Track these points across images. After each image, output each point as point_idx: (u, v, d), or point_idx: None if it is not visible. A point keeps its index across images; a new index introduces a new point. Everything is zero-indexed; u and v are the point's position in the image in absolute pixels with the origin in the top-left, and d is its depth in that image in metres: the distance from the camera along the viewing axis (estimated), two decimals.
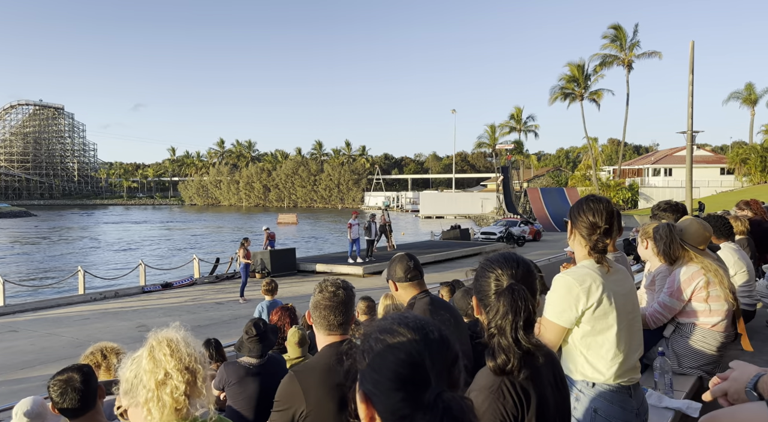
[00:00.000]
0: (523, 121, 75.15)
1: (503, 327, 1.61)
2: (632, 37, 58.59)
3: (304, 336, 4.77)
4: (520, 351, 1.59)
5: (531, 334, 1.63)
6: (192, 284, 18.80)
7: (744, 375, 1.27)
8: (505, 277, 1.69)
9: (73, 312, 14.44)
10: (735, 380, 1.28)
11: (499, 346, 1.60)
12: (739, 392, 1.26)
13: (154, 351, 1.69)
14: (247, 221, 70.14)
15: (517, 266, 1.72)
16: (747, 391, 1.24)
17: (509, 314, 1.60)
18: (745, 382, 1.26)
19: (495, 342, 1.62)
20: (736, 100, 67.54)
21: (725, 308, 3.38)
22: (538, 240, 34.12)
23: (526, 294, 1.64)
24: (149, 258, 26.42)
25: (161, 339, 1.73)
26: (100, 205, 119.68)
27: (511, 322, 1.60)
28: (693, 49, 27.03)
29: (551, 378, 1.71)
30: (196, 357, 1.72)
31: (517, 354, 1.59)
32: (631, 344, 2.36)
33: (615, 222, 2.44)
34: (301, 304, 8.18)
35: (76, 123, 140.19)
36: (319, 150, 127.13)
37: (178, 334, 1.75)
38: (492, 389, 1.59)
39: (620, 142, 70.56)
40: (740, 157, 61.46)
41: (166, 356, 1.67)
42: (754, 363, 1.40)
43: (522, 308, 1.61)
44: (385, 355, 1.04)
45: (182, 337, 1.75)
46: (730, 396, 1.29)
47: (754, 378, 1.24)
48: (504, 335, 1.60)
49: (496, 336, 1.62)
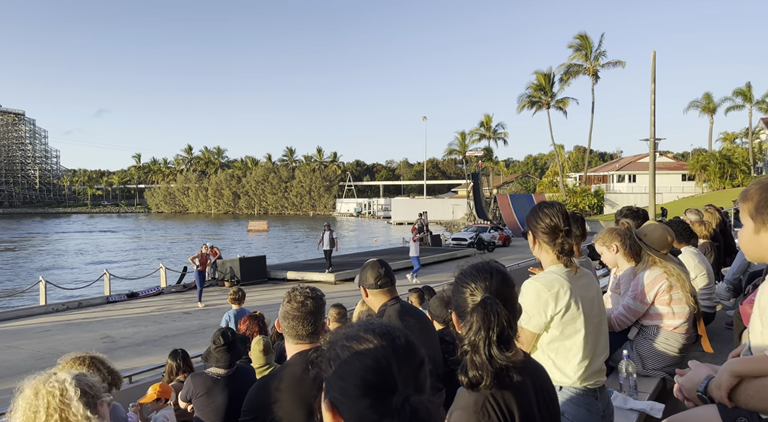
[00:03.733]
0: (493, 129, 76.24)
1: (476, 343, 1.55)
2: (597, 46, 60.21)
3: (268, 345, 4.71)
4: (493, 368, 1.53)
5: (509, 349, 1.57)
6: (158, 293, 18.39)
7: (696, 375, 1.30)
8: (479, 290, 1.64)
9: (33, 323, 13.95)
10: (689, 380, 1.31)
11: (472, 363, 1.55)
12: (691, 392, 1.29)
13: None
14: (216, 228, 69.13)
15: (491, 277, 1.67)
16: (698, 394, 1.26)
17: (481, 330, 1.55)
18: (697, 383, 1.28)
19: (468, 359, 1.56)
20: (696, 108, 69.90)
21: (687, 311, 3.48)
22: (508, 245, 34.64)
23: (499, 307, 1.58)
24: (114, 268, 25.77)
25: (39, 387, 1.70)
26: (63, 214, 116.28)
27: (483, 339, 1.54)
28: (655, 59, 27.89)
29: (538, 395, 1.65)
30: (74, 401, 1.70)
31: (490, 372, 1.53)
32: (597, 348, 2.41)
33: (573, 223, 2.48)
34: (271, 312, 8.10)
35: (38, 129, 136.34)
36: (290, 156, 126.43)
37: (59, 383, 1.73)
38: (476, 408, 1.55)
39: (586, 149, 72.16)
40: (700, 164, 63.56)
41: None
42: (714, 364, 1.43)
43: (495, 323, 1.56)
44: (351, 362, 1.03)
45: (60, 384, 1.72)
46: (685, 393, 1.32)
47: (704, 381, 1.27)
48: (477, 352, 1.54)
49: (469, 352, 1.56)
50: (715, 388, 1.23)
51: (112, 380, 2.83)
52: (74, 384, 1.73)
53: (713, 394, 1.23)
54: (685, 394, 1.33)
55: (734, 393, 1.20)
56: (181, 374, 5.14)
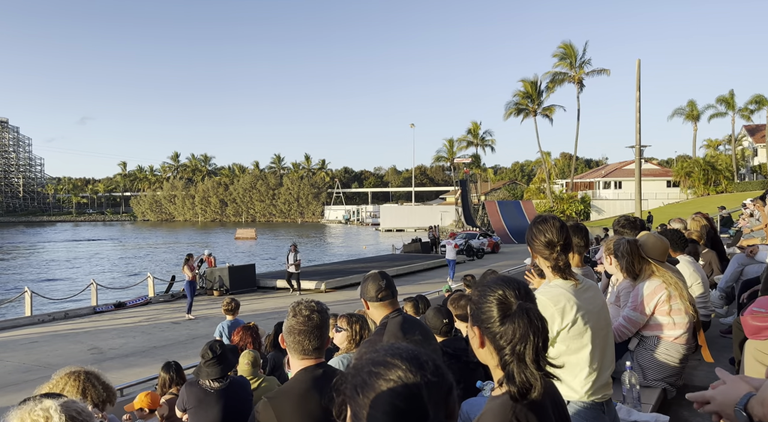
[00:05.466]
0: (480, 136, 76.60)
1: (522, 352, 1.46)
2: (582, 55, 60.86)
3: (256, 358, 4.67)
4: (540, 371, 1.47)
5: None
6: (146, 303, 18.16)
7: (734, 390, 1.23)
8: (512, 297, 1.53)
9: (19, 335, 13.69)
10: (724, 394, 1.24)
11: (519, 370, 1.46)
12: (725, 407, 1.22)
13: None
14: (203, 236, 68.61)
15: (518, 286, 1.58)
16: (736, 410, 1.21)
17: (529, 335, 1.47)
18: (735, 399, 1.22)
19: (513, 368, 1.47)
20: (680, 115, 70.86)
21: (686, 321, 3.49)
22: (497, 252, 34.75)
23: (540, 313, 1.52)
24: (101, 277, 25.44)
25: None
26: (48, 222, 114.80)
27: (532, 344, 1.46)
28: (639, 67, 28.28)
29: (555, 413, 1.60)
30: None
31: (539, 378, 1.46)
32: (603, 361, 2.40)
33: (575, 234, 2.48)
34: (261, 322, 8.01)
35: (22, 137, 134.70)
36: (278, 163, 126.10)
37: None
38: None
39: (572, 156, 72.76)
40: (685, 170, 64.41)
41: None
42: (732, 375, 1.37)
43: (540, 328, 1.49)
44: (380, 389, 1.01)
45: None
46: (717, 408, 1.25)
47: (745, 397, 1.21)
48: (524, 359, 1.46)
49: (514, 360, 1.47)
50: (758, 405, 1.18)
51: (107, 396, 2.76)
52: (59, 411, 1.68)
53: (754, 411, 1.18)
54: (717, 409, 1.27)
55: None
56: (174, 386, 5.06)
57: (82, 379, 2.70)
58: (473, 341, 1.59)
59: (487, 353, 1.56)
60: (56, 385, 2.66)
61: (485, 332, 1.54)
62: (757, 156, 65.19)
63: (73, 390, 2.62)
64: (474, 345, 1.60)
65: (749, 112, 64.28)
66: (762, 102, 61.66)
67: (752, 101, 62.92)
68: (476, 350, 1.60)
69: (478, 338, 1.56)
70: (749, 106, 63.63)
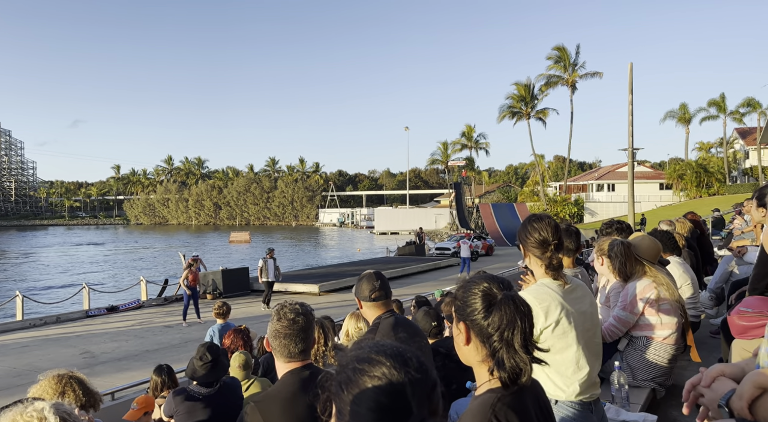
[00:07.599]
0: (475, 139, 76.75)
1: (510, 338, 1.48)
2: (575, 58, 61.17)
3: (247, 360, 4.64)
4: (529, 356, 1.49)
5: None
6: (139, 307, 18.07)
7: (722, 387, 1.28)
8: (496, 289, 1.55)
9: (10, 339, 13.59)
10: (714, 391, 1.28)
11: (508, 355, 1.48)
12: (713, 403, 1.27)
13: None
14: (197, 240, 68.34)
15: (501, 281, 1.59)
16: (719, 405, 1.25)
17: (516, 321, 1.48)
18: (720, 394, 1.26)
19: (503, 353, 1.48)
20: (672, 118, 71.30)
21: (675, 321, 3.52)
22: (491, 254, 34.83)
23: (525, 300, 1.54)
24: (93, 281, 25.28)
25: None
26: (40, 226, 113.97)
27: (519, 328, 1.48)
28: (632, 70, 28.42)
29: (538, 413, 1.58)
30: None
31: (528, 362, 1.48)
32: (590, 361, 2.41)
33: (563, 236, 2.49)
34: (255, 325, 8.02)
35: (14, 140, 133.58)
36: (272, 166, 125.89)
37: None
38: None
39: (565, 159, 73.06)
40: (677, 173, 64.84)
41: None
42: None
43: (526, 313, 1.51)
44: (364, 385, 1.02)
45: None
46: (707, 403, 1.29)
47: (729, 393, 1.25)
48: (512, 344, 1.47)
49: (503, 346, 1.48)
50: (736, 399, 1.22)
51: (87, 401, 2.75)
52: (53, 412, 1.68)
53: (734, 405, 1.22)
54: (707, 404, 1.31)
55: (754, 406, 1.19)
56: (165, 390, 5.03)
57: (64, 382, 2.70)
58: (458, 338, 1.59)
59: (473, 349, 1.55)
60: (40, 387, 2.67)
61: (471, 325, 1.54)
62: (748, 158, 65.65)
63: (52, 392, 2.62)
64: (459, 343, 1.59)
65: (741, 115, 64.86)
66: (753, 105, 62.19)
67: (743, 104, 63.50)
68: (460, 349, 1.60)
69: (464, 333, 1.56)
70: (740, 109, 64.22)
